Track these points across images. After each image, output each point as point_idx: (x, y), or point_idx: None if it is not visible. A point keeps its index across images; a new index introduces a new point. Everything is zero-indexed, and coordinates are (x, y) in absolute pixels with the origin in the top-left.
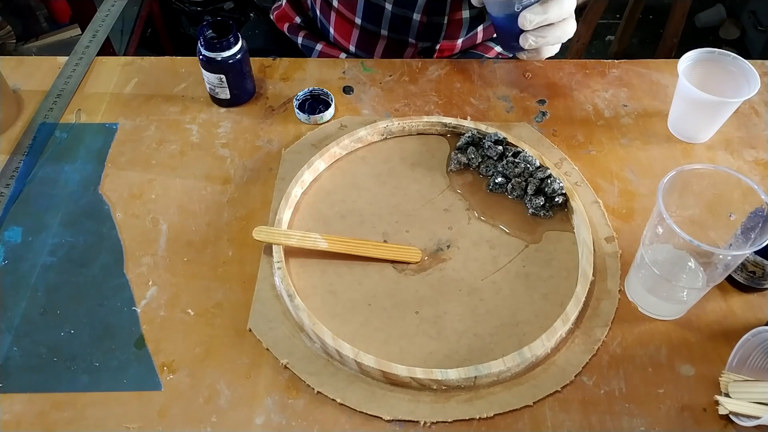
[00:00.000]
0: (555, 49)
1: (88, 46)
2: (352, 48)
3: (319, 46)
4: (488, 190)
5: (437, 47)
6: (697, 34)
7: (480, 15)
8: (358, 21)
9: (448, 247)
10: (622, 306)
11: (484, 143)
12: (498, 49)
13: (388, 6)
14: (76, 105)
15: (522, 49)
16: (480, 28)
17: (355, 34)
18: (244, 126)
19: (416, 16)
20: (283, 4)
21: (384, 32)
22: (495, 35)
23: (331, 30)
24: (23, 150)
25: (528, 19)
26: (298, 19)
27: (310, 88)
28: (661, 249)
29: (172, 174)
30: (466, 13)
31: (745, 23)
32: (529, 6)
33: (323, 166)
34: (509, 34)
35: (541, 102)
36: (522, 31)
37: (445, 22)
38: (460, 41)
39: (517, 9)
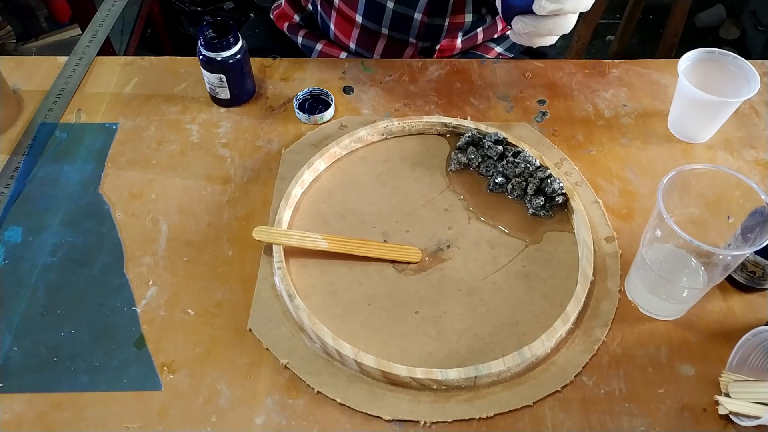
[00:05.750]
0: (549, 40)
1: (88, 46)
2: (352, 45)
3: (319, 46)
4: (488, 190)
5: (437, 47)
6: (697, 34)
7: (481, 18)
8: (358, 19)
9: (448, 247)
10: (622, 306)
11: (484, 143)
12: (498, 49)
13: (390, 4)
14: (76, 105)
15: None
16: (480, 30)
17: (355, 33)
18: (244, 126)
19: (417, 16)
20: (283, 3)
21: (384, 31)
22: (495, 36)
23: (332, 26)
24: (23, 150)
25: (542, 5)
26: (297, 18)
27: (310, 88)
28: (662, 249)
29: (172, 174)
30: (468, 17)
31: (745, 23)
32: None
33: (323, 166)
34: (510, 7)
35: (541, 102)
36: (521, 12)
37: (446, 24)
38: (459, 42)
39: None
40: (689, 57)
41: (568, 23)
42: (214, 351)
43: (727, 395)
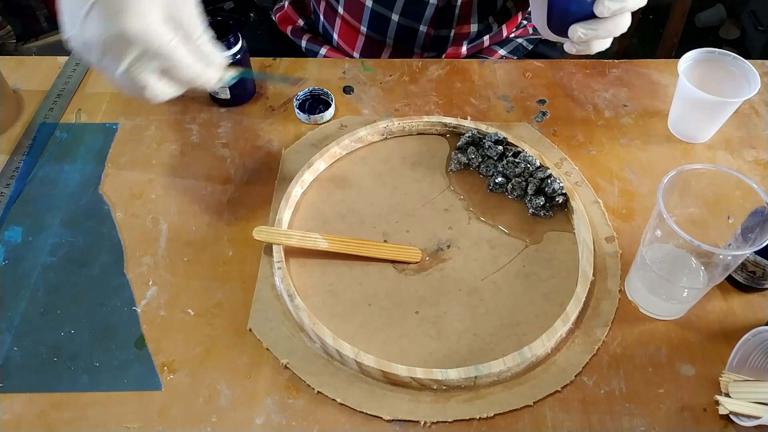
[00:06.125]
0: (606, 43)
1: None
2: (356, 54)
3: (323, 50)
4: (488, 190)
5: (443, 56)
6: (697, 34)
7: (487, 27)
8: (363, 29)
9: (448, 247)
10: (622, 306)
11: (484, 143)
12: (502, 52)
13: (395, 17)
14: (76, 105)
15: (568, 39)
16: (486, 37)
17: (360, 41)
18: (244, 126)
19: (423, 28)
20: (286, 6)
21: (389, 41)
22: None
23: (335, 36)
24: (23, 150)
25: (606, 6)
26: (301, 22)
27: (310, 88)
28: (662, 249)
29: (172, 174)
30: (474, 27)
31: (745, 23)
32: None
33: (323, 166)
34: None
35: (541, 102)
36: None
37: (452, 34)
38: (465, 49)
39: None
40: (689, 57)
41: (626, 21)
42: (214, 351)
43: (727, 395)
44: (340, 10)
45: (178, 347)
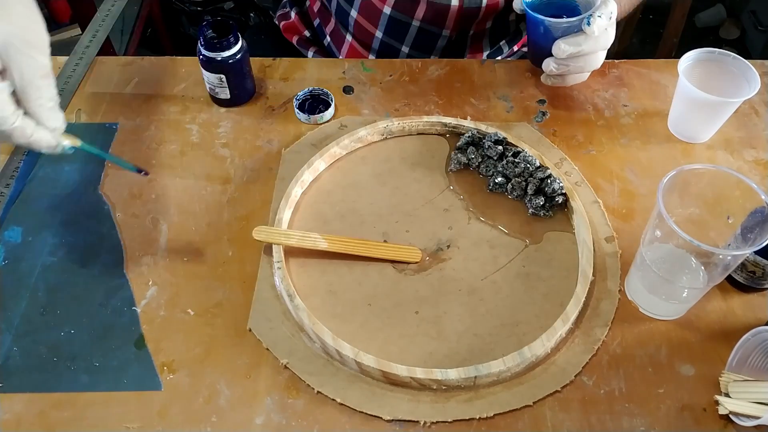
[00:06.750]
0: (582, 77)
1: (88, 46)
2: None
3: None
4: (488, 190)
5: None
6: (697, 34)
7: (498, 50)
8: (371, 57)
9: (448, 247)
10: (622, 306)
11: (484, 143)
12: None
13: (405, 49)
14: (76, 105)
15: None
16: (497, 58)
17: None
18: (244, 126)
19: (433, 58)
20: (293, 16)
21: None
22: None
23: (341, 57)
24: (23, 150)
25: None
26: (307, 33)
27: (310, 88)
28: (662, 249)
29: (172, 174)
30: (485, 53)
31: (745, 23)
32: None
33: (323, 166)
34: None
35: (541, 102)
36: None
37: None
38: None
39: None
40: (689, 57)
41: (598, 60)
42: (214, 351)
43: (727, 395)
44: (349, 37)
45: (178, 347)
